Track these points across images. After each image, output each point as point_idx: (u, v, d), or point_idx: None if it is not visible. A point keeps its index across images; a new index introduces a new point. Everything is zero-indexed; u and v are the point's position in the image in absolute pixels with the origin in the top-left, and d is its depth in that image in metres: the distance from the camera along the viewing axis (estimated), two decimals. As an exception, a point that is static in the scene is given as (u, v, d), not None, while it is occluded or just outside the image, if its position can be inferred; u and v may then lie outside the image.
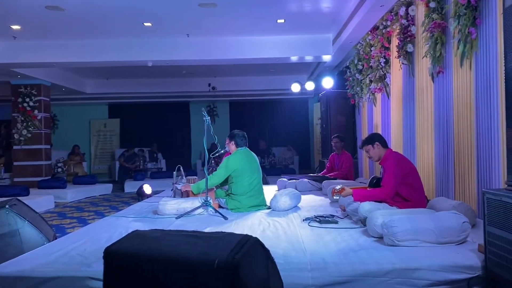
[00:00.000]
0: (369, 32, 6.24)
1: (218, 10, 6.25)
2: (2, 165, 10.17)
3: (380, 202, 3.69)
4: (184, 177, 5.25)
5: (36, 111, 9.84)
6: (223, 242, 1.89)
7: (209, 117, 4.37)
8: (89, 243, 3.15)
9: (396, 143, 5.61)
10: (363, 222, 3.50)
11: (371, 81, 6.50)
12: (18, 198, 4.11)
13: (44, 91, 10.05)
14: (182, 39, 7.77)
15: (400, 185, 3.71)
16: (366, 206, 3.53)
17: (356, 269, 2.48)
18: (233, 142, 4.73)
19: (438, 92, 4.28)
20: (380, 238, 3.03)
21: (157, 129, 13.81)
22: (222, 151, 4.83)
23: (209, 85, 11.95)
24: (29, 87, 9.79)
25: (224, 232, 2.08)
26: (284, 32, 7.60)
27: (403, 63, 5.14)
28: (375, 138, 3.96)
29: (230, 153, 4.78)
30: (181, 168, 5.16)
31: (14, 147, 9.88)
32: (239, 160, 4.58)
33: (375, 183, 4.03)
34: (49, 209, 7.13)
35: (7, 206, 3.38)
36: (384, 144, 3.94)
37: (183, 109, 13.84)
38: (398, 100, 5.54)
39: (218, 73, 11.37)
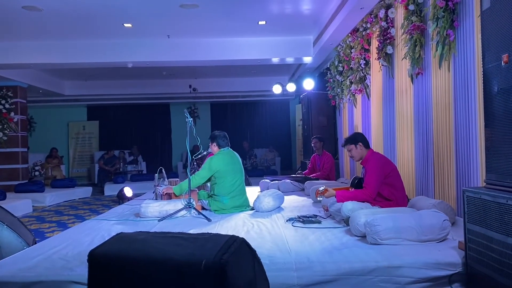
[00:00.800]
0: (349, 34, 6.32)
1: (200, 11, 6.23)
2: (-24, 169, 9.88)
3: (363, 202, 3.74)
4: (166, 179, 5.20)
5: (12, 114, 9.62)
6: (210, 243, 1.89)
7: (191, 119, 4.35)
8: (71, 247, 3.10)
9: (376, 144, 5.70)
10: (346, 221, 3.54)
11: (351, 83, 6.58)
12: (-5, 202, 4.02)
13: (20, 93, 9.83)
14: (162, 40, 7.71)
15: (382, 185, 3.77)
16: (348, 206, 3.57)
17: (341, 268, 2.51)
18: (215, 144, 4.72)
19: (417, 93, 4.37)
20: (363, 237, 3.08)
21: (137, 131, 13.67)
22: (204, 153, 4.81)
23: (190, 86, 11.90)
24: (5, 88, 9.57)
25: (211, 233, 2.08)
26: (265, 34, 7.62)
27: (383, 65, 5.22)
28: (358, 139, 4.00)
29: (213, 154, 4.77)
30: (163, 170, 5.12)
31: (-10, 150, 9.64)
32: (221, 160, 4.57)
33: (357, 183, 4.08)
34: (27, 213, 6.97)
35: (-16, 211, 3.29)
36: (367, 144, 3.99)
37: (163, 111, 13.72)
38: (378, 101, 5.63)
39: (199, 74, 11.34)
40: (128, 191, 8.01)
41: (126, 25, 6.84)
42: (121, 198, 7.92)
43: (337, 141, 8.36)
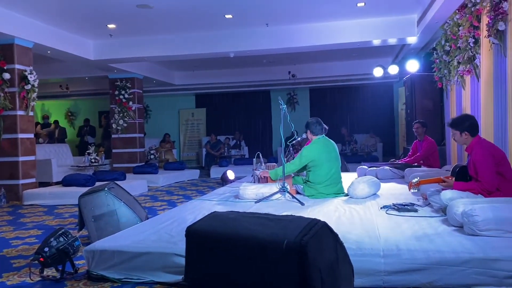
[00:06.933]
0: (457, 11, 5.87)
1: (297, -2, 6.29)
2: (102, 152, 11.21)
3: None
4: (263, 163, 5.42)
5: (130, 103, 10.68)
6: (293, 224, 2.00)
7: (285, 106, 4.47)
8: (176, 224, 3.45)
9: (486, 129, 5.25)
10: (444, 211, 3.39)
11: (459, 63, 6.12)
12: (116, 182, 4.58)
13: (137, 83, 10.87)
14: (261, 29, 7.93)
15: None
16: (447, 194, 3.41)
17: (431, 257, 2.45)
18: (308, 131, 4.75)
19: (533, 72, 3.94)
20: (460, 227, 2.94)
21: (241, 118, 14.25)
22: (299, 139, 4.90)
23: (289, 73, 12.03)
24: (124, 80, 10.65)
25: (294, 215, 2.18)
26: (365, 15, 7.42)
27: (494, 43, 4.77)
28: (465, 126, 3.66)
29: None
30: (260, 155, 5.34)
31: (113, 135, 10.85)
32: (316, 150, 4.59)
33: (458, 171, 3.83)
34: (142, 193, 7.75)
35: (106, 189, 3.79)
36: (474, 132, 3.66)
37: (264, 98, 14.09)
38: (488, 83, 5.17)
39: (298, 60, 11.40)
40: (230, 174, 8.44)
41: (227, 16, 7.17)
42: (224, 181, 8.38)
43: (444, 126, 7.85)
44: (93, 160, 8.75)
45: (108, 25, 7.55)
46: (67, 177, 7.22)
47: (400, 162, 6.49)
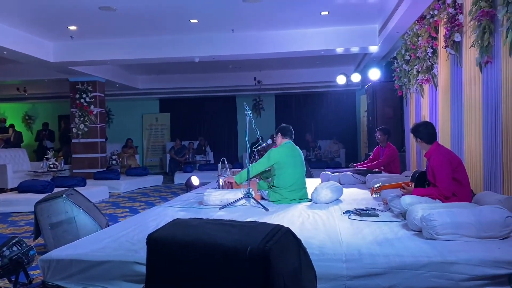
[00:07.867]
0: (416, 22, 6.08)
1: (262, 5, 6.32)
2: (61, 157, 10.84)
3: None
4: (228, 169, 5.39)
5: (92, 107, 10.40)
6: (256, 231, 1.98)
7: (250, 111, 4.47)
8: (138, 231, 3.36)
9: (443, 135, 5.46)
10: (404, 215, 3.47)
11: (418, 72, 6.34)
12: (75, 188, 4.42)
13: (99, 87, 10.59)
14: (227, 35, 7.92)
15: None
16: (407, 200, 3.49)
17: (391, 261, 2.49)
18: (279, 134, 4.82)
19: (486, 82, 4.13)
20: (419, 231, 3.01)
21: (206, 123, 14.16)
22: (264, 144, 4.92)
23: (255, 79, 12.08)
24: (86, 83, 10.36)
25: (258, 221, 2.17)
26: (328, 24, 7.55)
27: (450, 53, 4.98)
28: (420, 134, 3.78)
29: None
30: (225, 161, 5.31)
31: (73, 140, 10.52)
32: (282, 153, 4.65)
33: (417, 177, 3.95)
34: (104, 199, 7.55)
35: (64, 196, 3.66)
36: (430, 140, 3.77)
37: (229, 103, 14.07)
38: (445, 91, 5.38)
39: (263, 66, 11.47)
40: (195, 180, 8.34)
41: (192, 21, 7.12)
42: (188, 187, 8.27)
43: (403, 133, 8.09)
44: (51, 166, 8.45)
45: (69, 27, 7.33)
46: (23, 183, 6.94)
47: (361, 166, 6.62)
